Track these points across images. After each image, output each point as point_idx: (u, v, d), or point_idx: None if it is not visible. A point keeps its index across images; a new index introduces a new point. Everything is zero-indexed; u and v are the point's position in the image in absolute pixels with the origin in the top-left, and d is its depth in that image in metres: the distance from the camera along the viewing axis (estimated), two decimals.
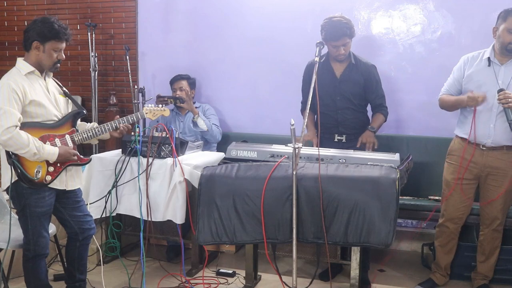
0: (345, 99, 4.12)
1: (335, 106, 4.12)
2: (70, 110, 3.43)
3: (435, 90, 4.06)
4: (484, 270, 4.02)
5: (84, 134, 3.39)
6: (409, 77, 4.79)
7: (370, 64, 4.18)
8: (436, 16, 4.75)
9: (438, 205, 4.12)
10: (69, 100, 3.45)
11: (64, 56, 3.30)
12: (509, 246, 4.08)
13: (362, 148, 4.00)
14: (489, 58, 3.75)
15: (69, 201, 3.42)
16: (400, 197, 3.21)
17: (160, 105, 3.76)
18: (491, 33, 3.74)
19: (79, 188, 3.49)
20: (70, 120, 3.37)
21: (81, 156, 3.39)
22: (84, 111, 3.49)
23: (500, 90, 3.56)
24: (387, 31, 4.87)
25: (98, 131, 3.43)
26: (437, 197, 4.35)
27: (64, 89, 3.46)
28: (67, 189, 3.36)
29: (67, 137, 3.32)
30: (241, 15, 5.20)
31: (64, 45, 3.27)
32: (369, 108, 4.30)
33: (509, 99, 3.52)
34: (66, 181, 3.35)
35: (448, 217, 3.99)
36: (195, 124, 4.77)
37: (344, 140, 4.14)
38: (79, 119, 3.50)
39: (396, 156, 3.46)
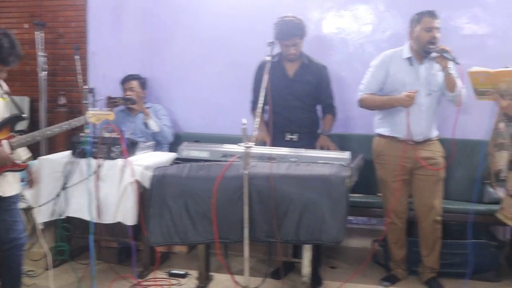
0: (297, 98, 4.15)
1: (287, 105, 4.14)
2: (9, 114, 3.25)
3: None
4: (430, 263, 4.13)
5: (23, 139, 3.22)
6: (360, 76, 4.77)
7: (322, 65, 4.24)
8: (386, 16, 4.83)
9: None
10: (10, 103, 3.28)
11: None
12: (451, 240, 4.19)
13: (314, 147, 4.05)
14: (410, 58, 3.95)
15: (2, 207, 3.23)
16: (350, 195, 3.25)
17: (105, 109, 3.69)
18: (408, 33, 3.97)
19: (16, 194, 3.33)
20: (8, 124, 3.20)
21: (18, 162, 3.22)
22: (24, 115, 3.30)
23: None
24: (338, 31, 4.92)
25: (37, 136, 3.29)
26: None
27: (6, 89, 3.30)
28: (3, 196, 3.19)
29: (4, 142, 3.14)
30: (193, 15, 5.18)
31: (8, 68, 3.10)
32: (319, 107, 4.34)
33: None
34: (4, 188, 3.18)
35: (394, 213, 4.11)
36: (146, 125, 4.73)
37: (295, 139, 4.17)
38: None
39: (346, 155, 3.50)
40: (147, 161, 3.84)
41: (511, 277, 4.37)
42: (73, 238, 4.33)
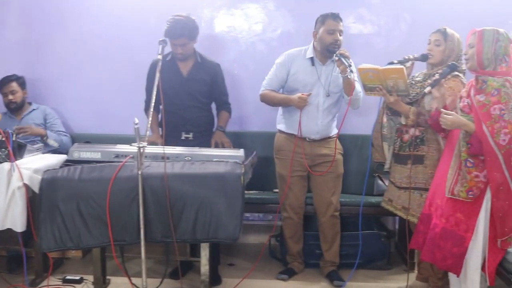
0: (192, 97, 4.14)
1: (182, 104, 4.11)
2: None
3: None
4: (331, 257, 4.27)
5: None
6: (252, 74, 4.90)
7: (215, 63, 4.24)
8: (276, 15, 4.91)
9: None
10: None
11: None
12: (347, 232, 4.34)
13: (209, 145, 4.05)
14: (312, 58, 4.02)
15: None
16: (246, 192, 3.28)
17: None
18: (312, 35, 4.03)
19: None
20: None
21: None
22: None
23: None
24: (229, 30, 4.96)
25: None
26: None
27: None
28: None
29: None
30: (82, 11, 4.99)
31: None
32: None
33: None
34: None
35: (290, 208, 4.21)
36: (46, 144, 4.51)
37: (191, 138, 4.15)
38: None
39: (240, 152, 3.53)
40: (36, 164, 3.68)
41: (401, 264, 4.60)
42: None
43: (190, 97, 4.13)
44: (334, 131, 4.18)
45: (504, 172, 3.07)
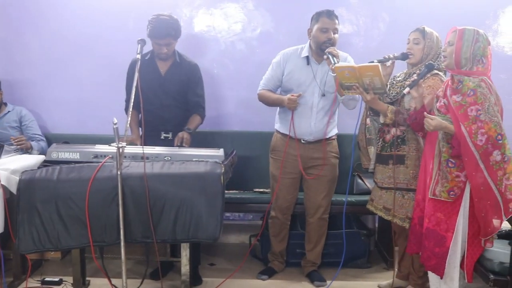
0: (170, 96, 4.12)
1: (160, 103, 4.10)
2: None
3: (256, 86, 4.19)
4: (313, 257, 4.28)
5: None
6: (231, 74, 4.90)
7: (194, 63, 4.21)
8: (256, 15, 4.92)
9: (263, 197, 4.29)
10: None
11: None
12: (328, 231, 4.33)
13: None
14: (307, 57, 3.96)
15: None
16: (226, 191, 3.27)
17: None
18: (306, 32, 3.97)
19: None
20: None
21: None
22: None
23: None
24: (209, 29, 4.95)
25: None
26: (261, 190, 4.52)
27: None
28: None
29: None
30: (60, 10, 4.95)
31: None
32: None
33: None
34: None
35: (278, 209, 4.20)
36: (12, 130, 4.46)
37: (170, 137, 4.12)
38: None
39: (220, 152, 3.52)
40: (14, 165, 3.63)
41: (381, 262, 4.63)
42: None
43: (167, 97, 4.11)
44: (333, 133, 4.11)
45: (483, 172, 3.09)
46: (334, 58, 3.69)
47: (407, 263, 3.89)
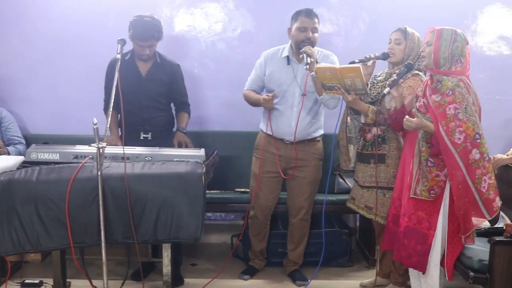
0: (151, 97, 4.10)
1: (140, 104, 4.08)
2: None
3: (237, 86, 4.21)
4: (294, 257, 4.29)
5: None
6: (212, 73, 4.90)
7: (175, 63, 4.20)
8: (236, 14, 4.92)
9: (245, 197, 4.29)
10: None
11: None
12: (312, 230, 4.35)
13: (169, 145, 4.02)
14: (288, 56, 3.97)
15: None
16: (207, 191, 3.26)
17: None
18: (287, 31, 3.98)
19: None
20: None
21: None
22: None
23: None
24: (189, 29, 4.94)
25: None
26: (242, 189, 4.52)
27: None
28: None
29: None
30: (41, 9, 4.88)
31: None
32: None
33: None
34: None
35: (258, 209, 4.20)
36: None
37: (150, 138, 4.12)
38: None
39: (201, 152, 3.51)
40: None
41: (362, 261, 4.66)
42: None
43: (148, 98, 4.09)
44: (317, 134, 4.10)
45: (462, 170, 3.12)
46: (309, 58, 3.70)
47: (388, 261, 3.91)
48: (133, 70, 4.07)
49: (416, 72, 3.62)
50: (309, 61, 3.69)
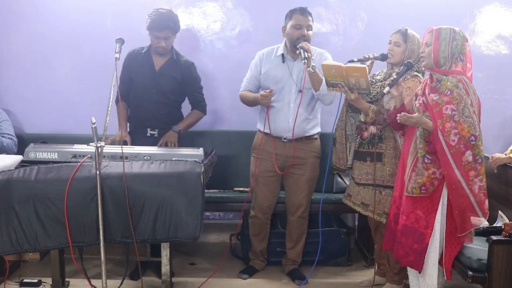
0: (161, 93, 4.11)
1: (149, 99, 4.09)
2: None
3: (235, 85, 4.20)
4: (293, 256, 4.28)
5: None
6: (210, 73, 4.89)
7: (190, 61, 4.22)
8: (235, 14, 4.91)
9: (244, 196, 4.29)
10: None
11: None
12: (311, 230, 4.34)
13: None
14: (283, 54, 3.98)
15: None
16: (206, 191, 3.27)
17: None
18: (281, 30, 4.00)
19: None
20: None
21: None
22: None
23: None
24: (188, 28, 4.92)
25: None
26: (241, 189, 4.52)
27: None
28: None
29: None
30: (36, 9, 4.87)
31: None
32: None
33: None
34: None
35: (258, 208, 4.20)
36: None
37: (156, 135, 4.13)
38: None
39: (200, 151, 3.52)
40: None
41: (361, 260, 4.66)
42: None
43: (158, 93, 4.10)
44: (314, 131, 4.10)
45: (454, 171, 3.13)
46: (306, 53, 3.72)
47: (385, 260, 3.91)
48: (148, 63, 4.09)
49: (415, 73, 3.62)
50: (306, 56, 3.71)
